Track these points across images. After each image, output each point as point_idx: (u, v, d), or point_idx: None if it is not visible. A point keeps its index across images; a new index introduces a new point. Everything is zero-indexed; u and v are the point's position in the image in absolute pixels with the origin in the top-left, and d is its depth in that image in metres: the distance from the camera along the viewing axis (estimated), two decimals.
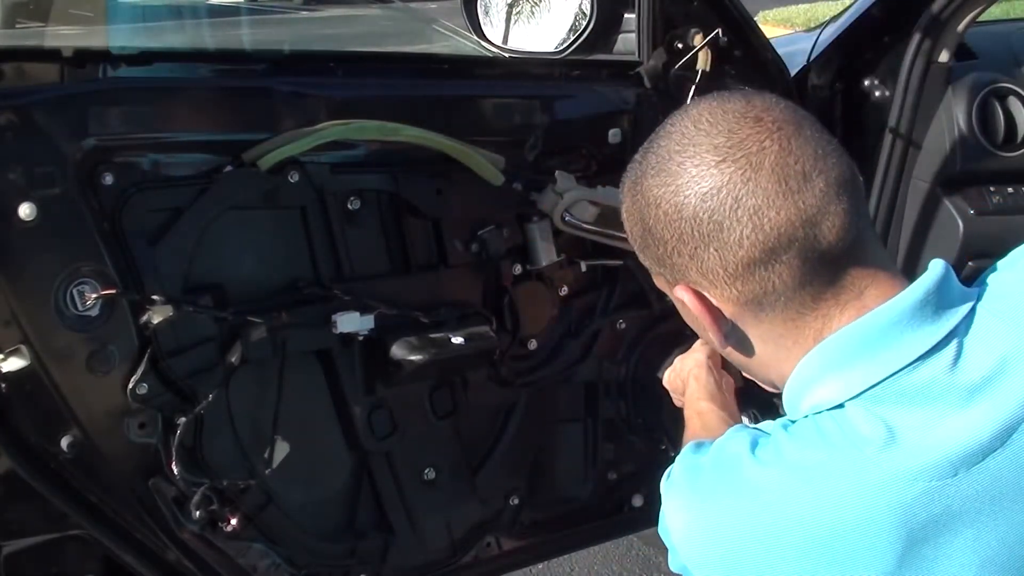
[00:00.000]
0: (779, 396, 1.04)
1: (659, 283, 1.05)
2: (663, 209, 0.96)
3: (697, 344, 1.68)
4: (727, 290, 0.95)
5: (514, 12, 2.17)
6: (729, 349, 1.04)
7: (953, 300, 0.94)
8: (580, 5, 2.01)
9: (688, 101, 1.78)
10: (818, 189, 0.91)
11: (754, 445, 0.95)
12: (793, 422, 0.97)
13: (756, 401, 1.82)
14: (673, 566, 1.00)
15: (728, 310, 0.98)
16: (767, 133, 0.92)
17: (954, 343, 0.91)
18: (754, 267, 0.92)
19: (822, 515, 0.88)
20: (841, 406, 0.92)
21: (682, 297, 1.00)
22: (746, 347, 1.01)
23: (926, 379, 0.90)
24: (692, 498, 0.98)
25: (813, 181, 0.91)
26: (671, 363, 1.92)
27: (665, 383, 1.73)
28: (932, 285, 0.93)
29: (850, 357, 0.92)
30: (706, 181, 0.92)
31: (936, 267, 0.96)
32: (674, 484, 1.01)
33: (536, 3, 2.15)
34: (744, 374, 1.57)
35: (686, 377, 1.63)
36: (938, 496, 0.86)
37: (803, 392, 0.97)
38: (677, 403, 1.71)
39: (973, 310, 0.93)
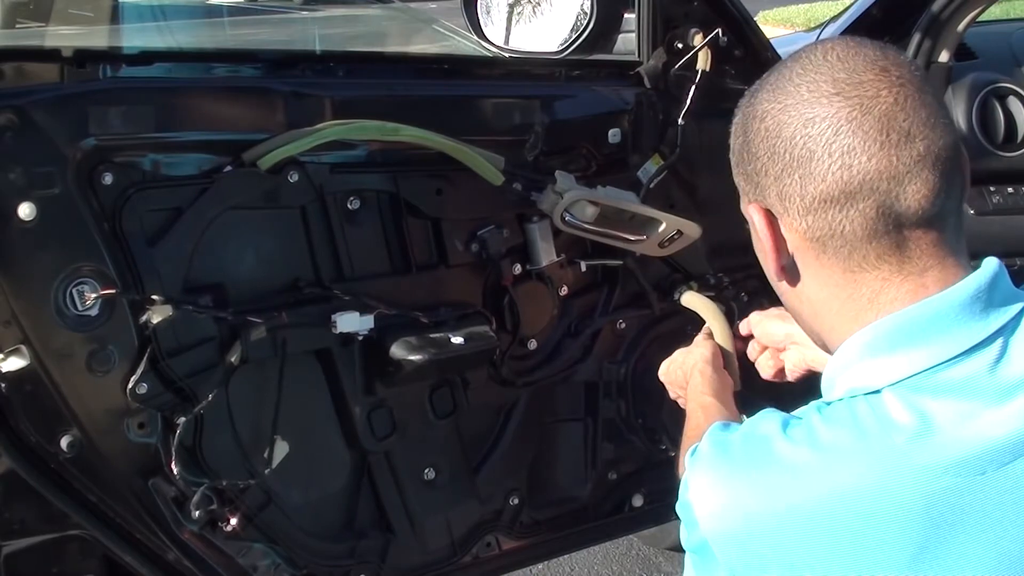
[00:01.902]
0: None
1: (742, 206, 1.05)
2: (766, 124, 0.97)
3: (701, 339, 1.69)
4: (798, 221, 0.96)
5: (515, 12, 2.17)
6: (782, 287, 1.04)
7: (1004, 299, 0.94)
8: (582, 5, 2.01)
9: (688, 101, 1.80)
10: (916, 152, 0.91)
11: (786, 425, 0.96)
12: (828, 404, 0.97)
13: (753, 405, 1.81)
14: (688, 543, 1.00)
15: (793, 242, 0.98)
16: (888, 84, 0.93)
17: (999, 342, 0.91)
18: (829, 205, 0.93)
19: (848, 498, 0.88)
20: (878, 391, 0.92)
21: (752, 216, 1.01)
22: (799, 286, 1.02)
23: (967, 374, 0.90)
24: (720, 472, 0.98)
25: (914, 143, 0.91)
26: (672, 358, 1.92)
27: (662, 376, 1.73)
28: (985, 282, 0.94)
29: (895, 343, 0.93)
30: (814, 108, 0.94)
31: (990, 264, 0.96)
32: (701, 458, 1.01)
33: (538, 3, 2.15)
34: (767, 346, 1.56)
35: (688, 370, 1.63)
36: (965, 492, 0.87)
37: (842, 372, 0.97)
38: (673, 395, 1.71)
39: (1022, 310, 0.94)
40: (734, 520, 0.94)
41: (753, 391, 2.02)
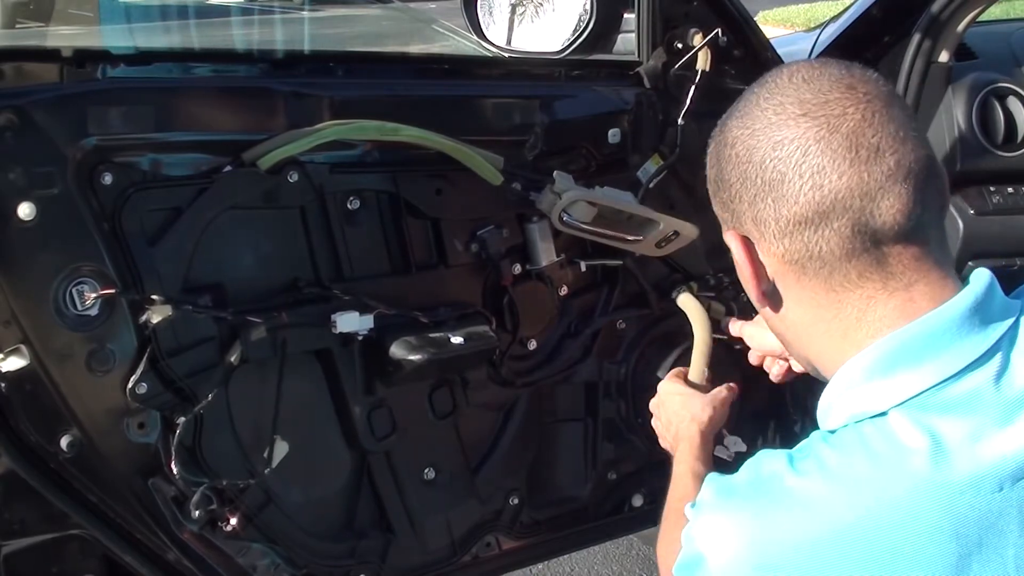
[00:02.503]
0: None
1: (724, 234, 1.05)
2: (736, 150, 0.97)
3: (709, 399, 1.61)
4: (775, 244, 0.96)
5: (515, 12, 2.17)
6: (766, 313, 1.04)
7: (998, 311, 0.93)
8: (582, 5, 2.01)
9: (688, 101, 1.80)
10: (887, 167, 0.91)
11: (791, 460, 0.93)
12: (832, 432, 0.95)
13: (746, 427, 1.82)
14: None
15: (772, 266, 0.98)
16: (854, 101, 0.92)
17: (999, 355, 0.91)
18: (804, 226, 0.93)
19: (873, 525, 0.86)
20: (884, 414, 0.91)
21: (730, 243, 1.00)
22: (782, 311, 1.01)
23: (971, 389, 0.89)
24: (733, 516, 0.94)
25: (884, 158, 0.91)
26: (670, 363, 1.92)
27: (653, 408, 1.69)
28: (980, 294, 0.93)
29: (895, 364, 0.92)
30: (781, 130, 0.94)
31: (982, 276, 0.95)
32: (708, 507, 0.97)
33: (540, 3, 2.15)
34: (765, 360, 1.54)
35: (684, 427, 1.58)
36: (986, 509, 0.86)
37: (842, 398, 0.95)
38: (656, 428, 1.68)
39: (1017, 321, 0.93)
40: (759, 562, 0.90)
41: (749, 400, 2.03)
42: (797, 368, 1.57)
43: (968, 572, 0.85)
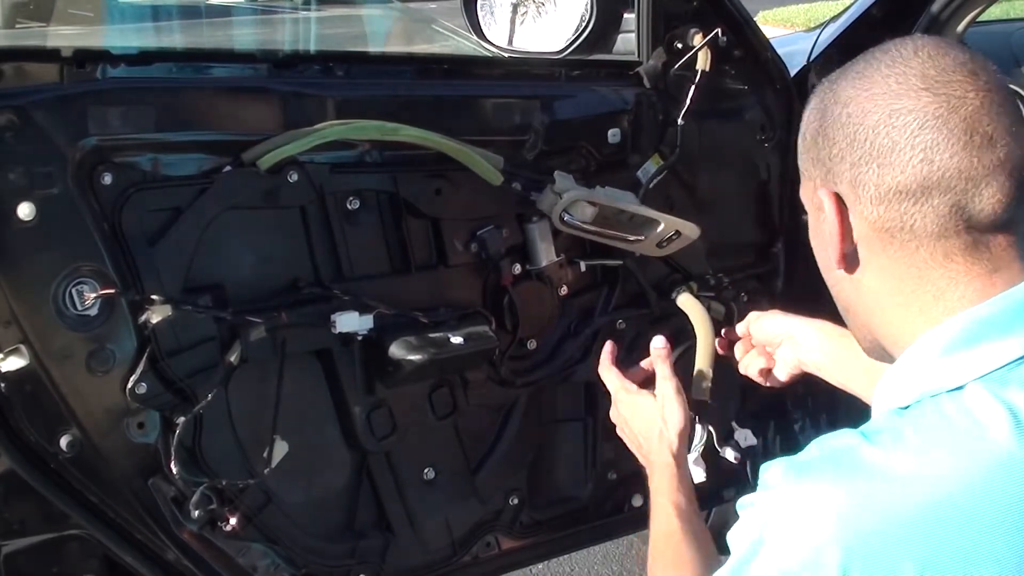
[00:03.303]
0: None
1: (803, 191, 1.06)
2: (849, 109, 0.98)
3: (666, 411, 1.50)
4: (869, 209, 0.97)
5: (514, 13, 2.17)
6: (838, 275, 1.03)
7: None
8: (584, 5, 2.01)
9: (688, 101, 1.80)
10: (996, 157, 0.92)
11: (865, 435, 0.92)
12: (906, 407, 0.95)
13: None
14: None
15: (860, 230, 0.98)
16: (976, 88, 0.94)
17: None
18: (904, 197, 0.94)
19: (956, 500, 0.86)
20: (960, 388, 0.91)
21: (823, 200, 1.00)
22: (857, 274, 1.01)
23: None
24: (812, 489, 0.91)
25: (995, 148, 0.92)
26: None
27: (614, 419, 1.60)
28: None
29: (975, 338, 0.92)
30: (901, 100, 0.94)
31: None
32: (777, 485, 0.94)
33: (540, 3, 2.15)
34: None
35: (655, 449, 1.48)
36: None
37: (917, 372, 0.95)
38: (624, 439, 1.58)
39: None
40: (841, 534, 0.87)
41: (753, 403, 2.03)
42: (780, 365, 1.57)
43: None
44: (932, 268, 0.96)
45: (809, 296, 2.10)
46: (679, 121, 1.81)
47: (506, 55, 2.15)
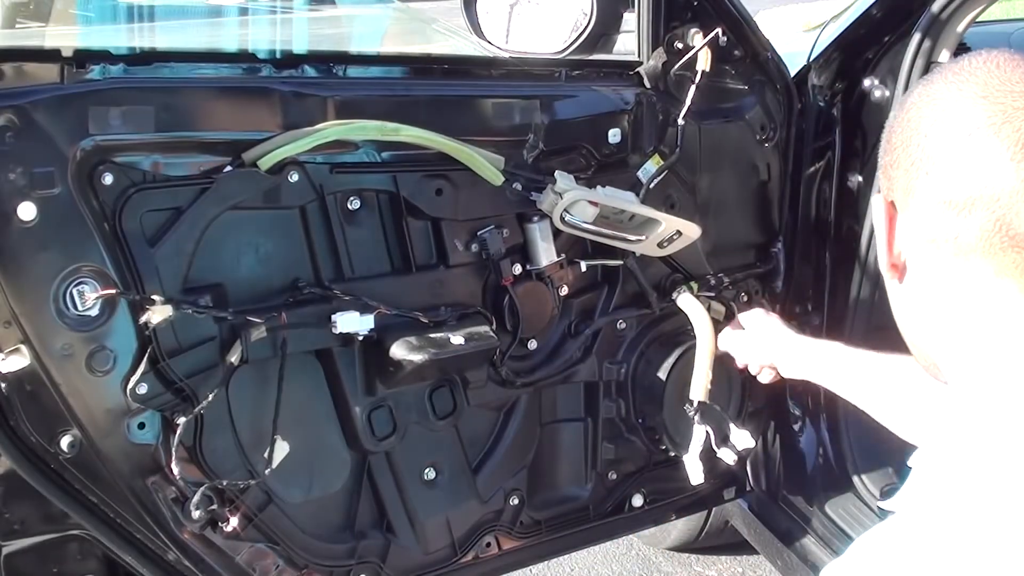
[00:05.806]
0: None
1: (874, 197, 1.03)
2: (909, 115, 0.96)
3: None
4: (917, 218, 0.93)
5: (515, 13, 2.17)
6: (891, 284, 1.01)
7: None
8: (584, 5, 2.01)
9: (688, 101, 1.80)
10: None
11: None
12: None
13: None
14: None
15: (909, 239, 0.96)
16: None
17: None
18: (949, 207, 0.90)
19: None
20: None
21: (877, 205, 0.98)
22: (906, 283, 0.98)
23: None
24: None
25: None
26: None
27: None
28: None
29: None
30: (957, 107, 0.92)
31: None
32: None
33: (540, 3, 2.15)
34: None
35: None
36: None
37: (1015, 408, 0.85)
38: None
39: None
40: None
41: (749, 400, 2.03)
42: (786, 373, 1.58)
43: None
44: (980, 284, 0.90)
45: (808, 296, 2.12)
46: (679, 121, 1.81)
47: (506, 55, 2.15)
